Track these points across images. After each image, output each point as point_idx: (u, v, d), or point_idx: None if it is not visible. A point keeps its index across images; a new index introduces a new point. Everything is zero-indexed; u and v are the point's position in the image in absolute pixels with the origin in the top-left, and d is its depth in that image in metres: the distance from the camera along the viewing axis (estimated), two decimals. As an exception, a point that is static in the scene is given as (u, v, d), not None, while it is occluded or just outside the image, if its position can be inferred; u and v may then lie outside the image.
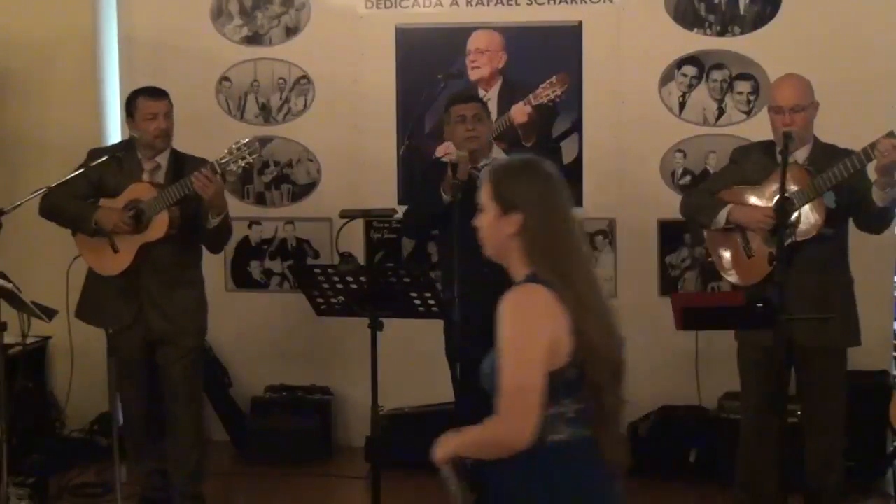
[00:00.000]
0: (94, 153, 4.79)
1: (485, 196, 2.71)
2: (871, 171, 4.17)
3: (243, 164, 4.62)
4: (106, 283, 4.77)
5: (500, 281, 4.52)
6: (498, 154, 4.83)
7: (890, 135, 3.99)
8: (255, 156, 4.63)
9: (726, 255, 4.48)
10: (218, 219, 4.64)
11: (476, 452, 2.66)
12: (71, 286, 4.82)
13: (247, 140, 4.63)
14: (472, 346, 4.64)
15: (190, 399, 4.86)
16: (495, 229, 2.69)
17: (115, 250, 4.71)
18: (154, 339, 4.78)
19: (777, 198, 4.19)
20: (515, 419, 2.53)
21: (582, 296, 2.60)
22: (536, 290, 2.60)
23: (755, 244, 4.37)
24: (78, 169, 4.71)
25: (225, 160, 4.55)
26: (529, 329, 2.56)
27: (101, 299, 4.80)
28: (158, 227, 4.63)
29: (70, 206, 4.75)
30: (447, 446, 2.70)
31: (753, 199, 4.36)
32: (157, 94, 4.76)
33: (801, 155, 4.33)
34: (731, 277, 4.48)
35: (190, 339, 4.82)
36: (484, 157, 4.76)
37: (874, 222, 4.30)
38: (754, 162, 4.45)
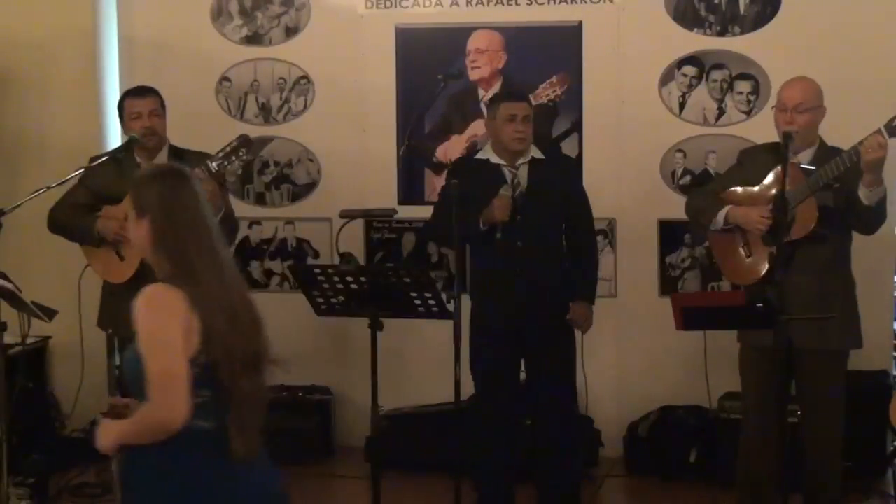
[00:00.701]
0: (95, 160, 4.78)
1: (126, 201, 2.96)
2: None
3: (236, 162, 4.59)
4: (119, 291, 4.76)
5: (530, 292, 4.57)
6: (535, 153, 4.76)
7: (879, 132, 4.00)
8: (246, 152, 4.57)
9: (726, 255, 4.49)
10: (216, 219, 4.60)
11: (136, 439, 2.80)
12: (82, 292, 4.80)
13: (237, 143, 4.57)
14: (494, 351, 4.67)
15: None
16: (134, 232, 2.90)
17: (121, 258, 4.71)
18: None
19: (773, 198, 4.20)
20: (167, 401, 2.71)
21: (211, 295, 2.78)
22: (163, 289, 2.79)
23: (754, 245, 4.37)
24: (78, 171, 4.70)
25: (218, 159, 4.53)
26: (163, 321, 2.74)
27: (115, 307, 4.78)
28: None
29: (73, 220, 4.75)
30: (108, 435, 2.84)
31: (751, 200, 4.35)
32: (141, 92, 4.76)
33: (805, 157, 4.32)
34: (731, 277, 4.48)
35: None
36: (522, 157, 4.72)
37: (862, 221, 4.29)
38: (759, 163, 4.45)
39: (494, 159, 4.74)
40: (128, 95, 4.77)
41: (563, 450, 4.79)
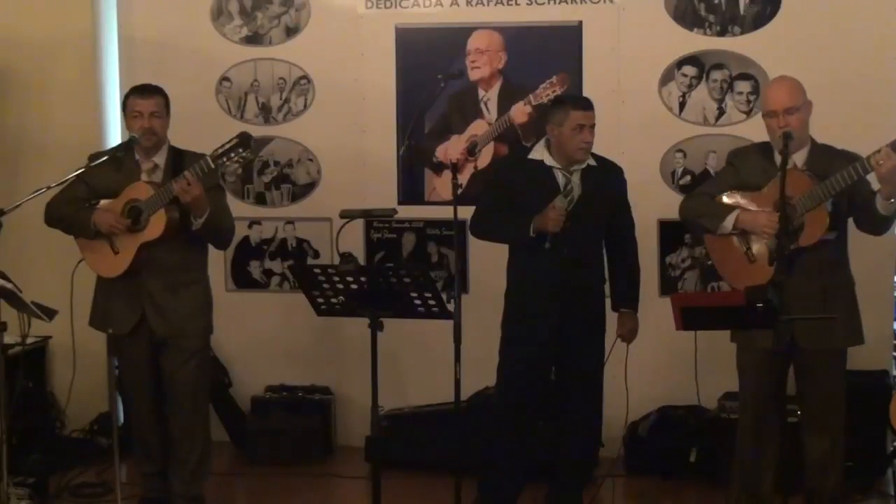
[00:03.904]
0: (94, 157, 4.78)
1: None
2: (871, 178, 4.17)
3: (237, 159, 4.56)
4: (112, 289, 4.76)
5: (570, 298, 4.56)
6: (589, 160, 4.68)
7: (890, 144, 3.99)
8: (245, 150, 4.54)
9: (728, 259, 4.48)
10: (200, 220, 4.61)
11: None
12: (75, 289, 4.80)
13: (237, 140, 4.51)
14: (569, 350, 4.68)
15: (195, 402, 4.84)
16: None
17: (116, 251, 4.71)
18: (158, 341, 4.77)
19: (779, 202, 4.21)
20: None
21: None
22: None
23: (756, 249, 4.36)
24: (78, 170, 4.70)
25: (216, 155, 4.50)
26: None
27: (109, 305, 4.79)
28: (156, 226, 4.61)
29: (69, 212, 4.75)
30: None
31: (756, 205, 4.34)
32: (145, 91, 4.72)
33: (799, 157, 4.32)
34: (733, 282, 4.47)
35: (193, 342, 4.79)
36: (578, 163, 4.67)
37: (877, 227, 4.30)
38: (752, 164, 4.44)
39: (549, 161, 4.67)
40: (132, 93, 4.75)
41: (582, 458, 4.84)
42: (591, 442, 4.91)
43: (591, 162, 4.70)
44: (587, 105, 4.69)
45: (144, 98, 4.70)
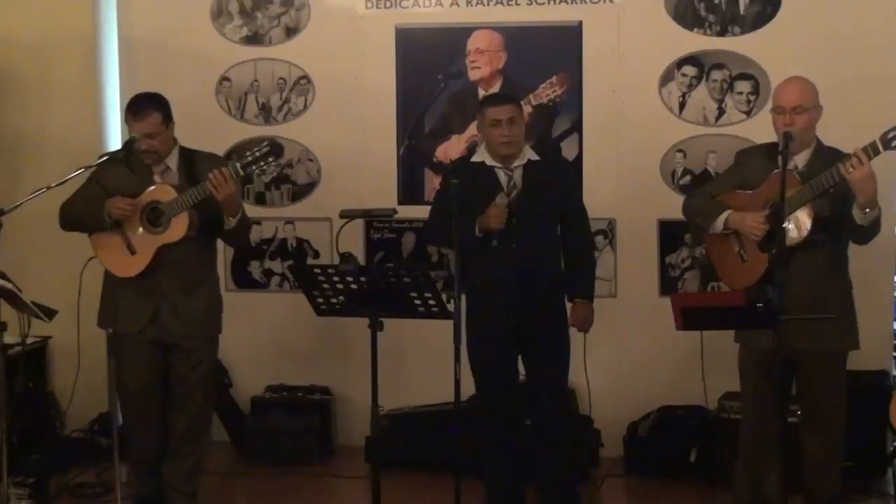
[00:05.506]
0: (103, 156, 4.77)
1: None
2: None
3: (265, 167, 4.60)
4: (124, 286, 4.74)
5: (525, 293, 4.58)
6: (530, 155, 4.75)
7: (862, 149, 3.98)
8: (275, 160, 4.58)
9: (723, 259, 4.49)
10: (234, 220, 4.64)
11: None
12: (83, 288, 4.79)
13: (267, 149, 4.57)
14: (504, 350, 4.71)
15: (204, 401, 4.85)
16: None
17: (132, 252, 4.69)
18: (168, 340, 4.76)
19: (769, 204, 4.22)
20: None
21: None
22: None
23: (749, 250, 4.37)
24: (89, 167, 4.69)
25: (245, 162, 4.54)
26: None
27: (119, 303, 4.77)
28: (178, 228, 4.61)
29: (82, 208, 4.72)
30: None
31: (749, 204, 4.35)
32: (139, 112, 4.64)
33: (801, 158, 4.32)
34: (727, 281, 4.48)
35: (205, 342, 4.81)
36: (518, 159, 4.71)
37: (855, 236, 4.30)
38: (755, 165, 4.45)
39: (490, 161, 4.74)
40: (128, 109, 4.69)
41: (560, 450, 4.82)
42: (566, 432, 4.88)
43: (533, 157, 4.76)
44: (501, 100, 4.78)
45: (139, 120, 4.63)
